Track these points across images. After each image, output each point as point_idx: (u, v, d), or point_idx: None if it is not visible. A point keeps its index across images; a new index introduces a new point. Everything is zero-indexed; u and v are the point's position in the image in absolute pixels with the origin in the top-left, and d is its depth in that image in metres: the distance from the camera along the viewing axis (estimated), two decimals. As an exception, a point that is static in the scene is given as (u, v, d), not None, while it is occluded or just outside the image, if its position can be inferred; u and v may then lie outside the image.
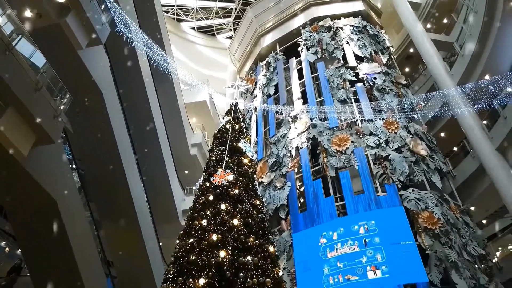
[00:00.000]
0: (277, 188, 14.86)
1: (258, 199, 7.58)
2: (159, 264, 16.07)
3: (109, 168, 13.93)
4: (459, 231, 11.85)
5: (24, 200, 9.90)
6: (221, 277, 5.56)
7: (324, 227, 12.72)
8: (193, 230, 6.56)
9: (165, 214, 19.75)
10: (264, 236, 6.72)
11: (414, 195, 12.26)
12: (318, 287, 11.58)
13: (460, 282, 10.36)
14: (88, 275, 11.22)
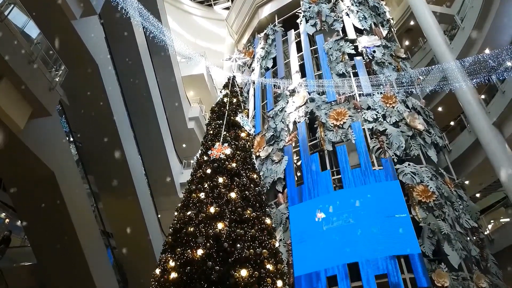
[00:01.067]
0: (274, 162, 14.96)
1: (255, 173, 7.63)
2: (158, 236, 16.35)
3: (107, 141, 13.92)
4: (452, 204, 12.07)
5: (22, 172, 9.94)
6: (218, 248, 5.68)
7: (320, 201, 12.91)
8: (191, 202, 6.63)
9: (163, 187, 19.92)
10: (261, 209, 6.82)
11: (410, 169, 12.40)
12: (313, 257, 11.87)
13: (452, 253, 10.65)
14: (88, 246, 11.42)
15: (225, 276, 5.39)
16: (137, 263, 15.48)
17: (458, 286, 10.10)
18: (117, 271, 14.66)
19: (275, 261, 6.15)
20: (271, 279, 5.67)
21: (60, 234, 10.80)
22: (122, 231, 15.60)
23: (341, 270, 11.19)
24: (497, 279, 11.27)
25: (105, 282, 12.32)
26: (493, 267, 11.64)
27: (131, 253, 15.67)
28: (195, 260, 5.55)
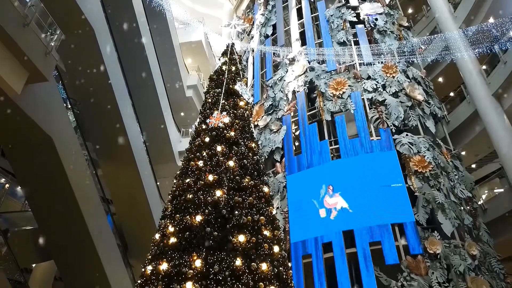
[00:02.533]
0: (273, 131, 14.97)
1: (254, 142, 7.65)
2: (157, 202, 16.59)
3: (104, 108, 13.84)
4: (448, 174, 12.22)
5: (21, 138, 9.95)
6: (217, 215, 5.78)
7: (318, 170, 13.03)
8: (190, 170, 6.68)
9: (161, 155, 20.01)
10: (259, 177, 6.88)
11: (407, 140, 12.46)
12: (310, 225, 12.13)
13: (445, 222, 10.89)
14: (88, 211, 11.62)
15: (223, 241, 5.51)
16: (136, 228, 15.82)
17: (449, 253, 10.40)
18: (117, 236, 14.98)
19: (272, 227, 6.28)
20: (268, 245, 5.80)
21: (60, 199, 10.95)
22: (122, 197, 15.83)
23: (336, 237, 11.46)
24: (488, 247, 11.59)
25: (106, 246, 12.62)
26: (485, 235, 11.93)
27: (130, 219, 15.97)
28: (194, 226, 5.66)
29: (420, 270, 10.12)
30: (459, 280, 9.97)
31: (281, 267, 5.78)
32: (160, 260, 5.47)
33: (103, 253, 12.15)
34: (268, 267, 5.48)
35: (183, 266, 5.22)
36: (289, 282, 5.86)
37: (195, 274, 5.09)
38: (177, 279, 5.11)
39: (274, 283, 5.38)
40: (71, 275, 12.76)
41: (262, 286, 5.16)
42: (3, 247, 9.97)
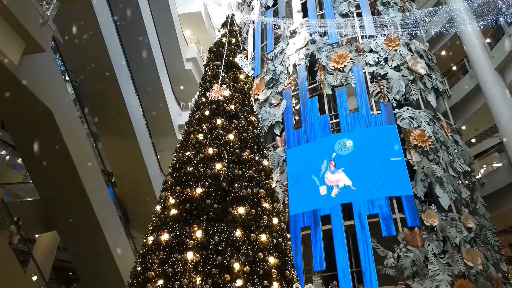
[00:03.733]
0: (273, 105, 14.90)
1: (254, 115, 7.63)
2: (157, 175, 16.71)
3: (103, 81, 13.71)
4: (447, 148, 12.27)
5: (20, 110, 9.91)
6: (217, 187, 5.84)
7: (318, 144, 13.06)
8: (190, 143, 6.70)
9: (161, 129, 19.98)
10: (259, 151, 6.91)
11: (408, 114, 12.42)
12: (308, 198, 12.28)
13: (443, 195, 11.02)
14: (90, 183, 11.71)
15: (223, 213, 5.60)
16: (137, 201, 16.00)
17: (446, 225, 10.58)
18: (118, 208, 15.19)
19: (272, 200, 6.36)
20: (267, 217, 5.89)
21: (61, 171, 11.03)
22: (122, 170, 15.93)
23: (334, 209, 11.62)
24: (484, 220, 11.77)
25: (107, 217, 12.80)
26: (482, 208, 12.09)
27: (131, 191, 16.13)
28: (194, 198, 5.74)
29: (417, 242, 10.32)
30: (454, 251, 10.19)
31: (280, 238, 5.89)
32: (162, 231, 5.58)
33: (105, 224, 12.34)
34: (267, 238, 5.58)
35: (184, 236, 5.32)
36: (287, 252, 5.99)
37: (196, 244, 5.20)
38: (178, 249, 5.22)
39: (273, 253, 5.50)
40: (74, 245, 13.04)
41: (261, 256, 5.28)
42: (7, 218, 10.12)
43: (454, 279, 9.67)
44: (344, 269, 10.67)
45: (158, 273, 5.08)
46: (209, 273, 4.93)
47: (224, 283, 4.83)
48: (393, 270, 10.13)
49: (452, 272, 9.79)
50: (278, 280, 5.24)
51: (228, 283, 4.83)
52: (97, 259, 12.68)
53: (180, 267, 4.99)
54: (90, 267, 13.06)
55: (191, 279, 4.85)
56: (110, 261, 12.62)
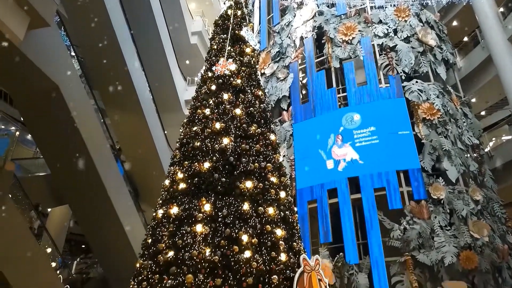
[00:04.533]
0: (280, 79, 14.75)
1: (261, 90, 7.57)
2: (165, 150, 16.85)
3: (109, 57, 13.64)
4: (456, 121, 12.14)
5: (27, 86, 9.95)
6: (224, 162, 5.88)
7: (325, 118, 12.99)
8: (197, 118, 6.70)
9: (167, 104, 19.98)
10: (265, 125, 6.89)
11: (417, 87, 12.25)
12: (315, 172, 12.33)
13: (451, 168, 10.99)
14: (99, 158, 11.87)
15: (231, 187, 5.66)
16: (146, 175, 16.23)
17: (453, 198, 10.60)
18: (127, 183, 15.43)
19: (279, 174, 6.39)
20: (275, 191, 5.95)
21: (71, 146, 11.17)
22: (130, 145, 16.08)
23: (341, 183, 11.69)
24: (491, 193, 11.77)
25: (117, 191, 13.04)
26: (489, 181, 12.07)
27: (140, 166, 16.34)
28: (202, 172, 5.79)
29: (423, 214, 10.40)
30: (461, 224, 10.26)
31: (287, 211, 5.97)
32: (171, 204, 5.67)
33: (115, 198, 12.58)
34: (275, 211, 5.66)
35: (193, 210, 5.41)
36: (294, 225, 6.08)
37: (205, 217, 5.29)
38: (187, 222, 5.32)
39: (280, 226, 5.59)
40: (86, 219, 13.36)
41: (269, 228, 5.36)
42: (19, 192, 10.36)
43: (459, 251, 9.78)
44: (351, 241, 10.84)
45: (168, 245, 5.21)
46: (218, 245, 5.03)
47: (232, 254, 4.94)
48: (399, 242, 10.26)
49: (458, 243, 9.90)
50: (285, 252, 5.34)
51: (236, 254, 4.94)
52: (109, 232, 13.01)
53: (189, 239, 5.10)
54: (102, 239, 13.43)
55: (200, 251, 4.96)
56: (121, 234, 12.94)
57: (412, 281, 9.72)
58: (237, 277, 4.79)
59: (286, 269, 5.12)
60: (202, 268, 4.82)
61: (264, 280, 4.84)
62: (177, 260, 4.96)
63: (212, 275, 4.78)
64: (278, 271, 5.02)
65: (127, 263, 10.08)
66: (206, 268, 4.82)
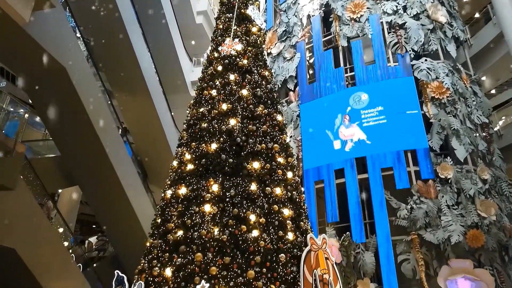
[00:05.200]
0: (286, 59, 14.60)
1: (267, 70, 7.50)
2: (172, 131, 16.92)
3: (115, 38, 13.57)
4: (466, 100, 11.98)
5: (34, 67, 9.97)
6: (231, 142, 5.90)
7: (332, 98, 12.90)
8: (203, 99, 6.70)
9: (174, 86, 19.94)
10: (272, 106, 6.86)
11: (426, 65, 12.06)
12: (322, 153, 12.34)
13: (459, 147, 10.93)
14: (107, 139, 11.95)
15: (238, 167, 5.69)
16: (154, 157, 16.37)
17: (461, 177, 10.58)
18: (136, 164, 15.58)
19: (286, 154, 6.40)
20: (282, 171, 5.98)
21: (79, 128, 11.25)
22: (138, 127, 16.17)
23: (348, 163, 11.69)
24: (500, 172, 11.70)
25: (126, 172, 13.19)
26: (498, 160, 11.98)
27: (148, 148, 16.47)
28: (209, 153, 5.83)
29: (430, 193, 10.41)
30: (468, 203, 10.26)
31: (294, 191, 6.01)
32: (179, 185, 5.74)
33: (124, 179, 12.74)
34: (282, 191, 5.70)
35: (201, 190, 5.47)
36: (302, 205, 6.13)
37: (213, 198, 5.36)
38: (195, 202, 5.39)
39: (287, 206, 5.64)
40: (96, 200, 13.60)
41: (276, 208, 5.42)
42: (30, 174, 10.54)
43: (466, 229, 9.82)
44: (357, 220, 10.92)
45: (177, 224, 5.30)
46: (226, 224, 5.11)
47: (241, 233, 5.02)
48: (405, 221, 10.32)
49: (465, 222, 9.93)
50: (292, 231, 5.41)
51: (244, 234, 5.02)
52: (119, 212, 13.24)
53: (198, 218, 5.18)
54: (113, 219, 13.70)
55: (209, 230, 5.05)
56: (131, 214, 13.16)
57: (418, 260, 9.82)
58: (245, 255, 4.88)
59: (293, 247, 5.20)
60: (210, 246, 4.91)
61: (271, 258, 4.92)
62: (186, 239, 5.06)
63: (220, 254, 4.87)
64: (286, 250, 5.10)
65: (137, 242, 10.28)
66: (214, 247, 4.91)
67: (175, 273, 4.83)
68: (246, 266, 4.78)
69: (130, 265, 8.67)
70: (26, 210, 9.25)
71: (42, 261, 9.68)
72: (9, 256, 8.89)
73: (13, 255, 8.87)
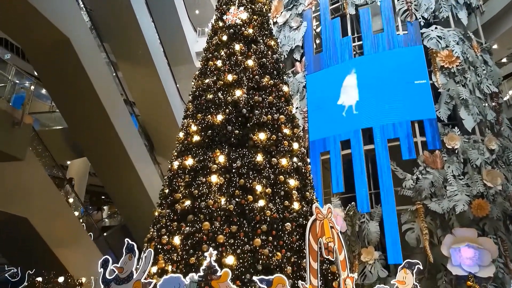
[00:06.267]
0: (293, 28, 14.29)
1: (273, 39, 7.37)
2: (178, 103, 16.89)
3: (118, 8, 13.34)
4: (476, 69, 11.74)
5: (39, 39, 9.89)
6: (237, 114, 5.89)
7: (339, 68, 12.70)
8: (209, 70, 6.64)
9: (179, 57, 19.74)
10: (278, 77, 6.79)
11: (436, 33, 11.76)
12: (328, 124, 12.28)
13: (467, 117, 10.81)
14: (113, 112, 11.98)
15: (244, 139, 5.71)
16: (160, 129, 16.43)
17: (468, 148, 10.53)
18: (143, 136, 15.67)
19: (292, 126, 6.40)
20: (288, 142, 5.99)
21: (85, 100, 11.26)
22: (144, 99, 16.15)
23: (354, 135, 11.66)
24: (508, 142, 11.60)
25: (133, 144, 13.28)
26: (506, 130, 11.85)
27: (154, 120, 16.50)
28: (215, 125, 5.84)
29: (437, 164, 10.40)
30: (474, 173, 10.26)
31: (300, 162, 6.04)
32: (186, 156, 5.79)
33: (131, 150, 12.84)
34: (288, 162, 5.73)
35: (208, 161, 5.52)
36: (307, 175, 6.18)
37: (219, 168, 5.41)
38: (202, 173, 5.46)
39: (293, 176, 5.69)
40: (104, 171, 13.78)
41: (282, 178, 5.47)
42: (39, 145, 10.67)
43: (472, 199, 9.87)
44: (363, 190, 11.00)
45: (185, 195, 5.39)
46: (233, 195, 5.19)
47: (247, 203, 5.09)
48: (411, 191, 10.38)
49: (471, 192, 9.96)
50: (298, 201, 5.48)
51: (251, 203, 5.10)
52: (127, 183, 13.44)
53: (205, 189, 5.26)
54: (121, 190, 13.93)
55: (216, 200, 5.13)
56: (138, 184, 13.37)
57: (422, 229, 9.95)
58: (252, 224, 4.97)
59: (299, 217, 5.28)
60: (218, 216, 5.01)
61: (277, 227, 5.02)
62: (193, 209, 5.16)
63: (227, 223, 4.98)
64: (291, 219, 5.19)
65: (145, 212, 10.53)
66: (221, 216, 5.01)
67: (184, 241, 4.96)
68: (253, 235, 4.89)
69: (139, 234, 8.91)
70: (36, 181, 9.44)
71: (54, 230, 9.96)
72: (22, 225, 9.16)
73: (26, 224, 9.14)
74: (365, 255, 10.34)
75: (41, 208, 9.54)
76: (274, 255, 4.77)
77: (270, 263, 4.69)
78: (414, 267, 4.93)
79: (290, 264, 4.84)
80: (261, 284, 3.85)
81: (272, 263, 4.70)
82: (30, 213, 9.15)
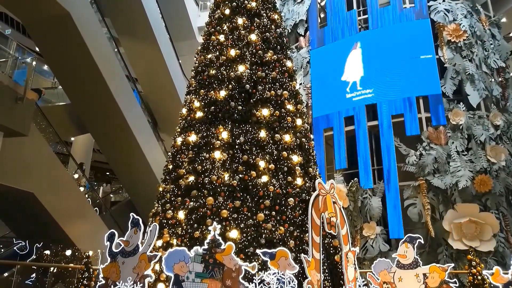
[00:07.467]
0: (296, 2, 14.00)
1: (276, 13, 7.21)
2: (181, 79, 16.76)
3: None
4: (483, 43, 11.52)
5: (38, 13, 9.74)
6: (240, 89, 5.84)
7: (344, 43, 12.50)
8: (211, 45, 6.54)
9: (180, 32, 19.42)
10: (282, 51, 6.69)
11: (444, 6, 11.49)
12: (332, 100, 12.20)
13: (473, 93, 10.71)
14: (116, 88, 11.91)
15: (247, 115, 5.68)
16: (163, 105, 16.37)
17: (472, 123, 10.47)
18: (146, 113, 15.65)
19: (295, 101, 6.34)
20: (291, 118, 5.96)
21: (87, 76, 11.18)
22: (146, 75, 16.02)
23: (358, 111, 11.59)
24: (513, 117, 11.53)
25: (136, 120, 13.27)
26: (512, 105, 11.76)
27: (156, 96, 16.43)
28: (218, 101, 5.80)
29: (440, 140, 10.38)
30: (478, 149, 10.24)
31: (303, 138, 6.02)
32: (189, 132, 5.78)
33: (135, 126, 12.85)
34: (291, 138, 5.72)
35: (211, 137, 5.52)
36: (311, 151, 6.17)
37: (222, 144, 5.42)
38: (205, 149, 5.47)
39: (296, 152, 5.69)
40: (108, 148, 13.85)
41: (285, 155, 5.48)
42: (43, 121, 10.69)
43: (475, 175, 9.89)
44: (366, 166, 11.04)
45: (188, 170, 5.42)
46: (236, 170, 5.21)
47: (250, 179, 5.13)
48: (414, 167, 10.41)
49: (474, 168, 9.98)
50: (301, 176, 5.50)
51: (254, 179, 5.13)
52: (131, 159, 13.52)
53: (208, 164, 5.28)
54: (125, 166, 14.03)
55: (219, 176, 5.16)
56: (142, 160, 13.44)
57: (424, 204, 10.03)
58: (255, 199, 5.02)
59: (302, 192, 5.32)
60: (221, 191, 5.05)
61: (280, 202, 5.06)
62: (197, 184, 5.20)
63: (231, 198, 5.02)
64: (294, 194, 5.22)
65: (149, 187, 10.63)
66: (225, 192, 5.05)
67: (188, 216, 5.03)
68: (256, 210, 4.94)
69: (143, 209, 9.03)
70: (41, 156, 9.51)
71: (60, 205, 10.11)
72: (29, 200, 9.30)
73: (33, 199, 9.27)
74: (367, 230, 10.48)
75: (47, 183, 9.65)
76: (277, 230, 4.83)
77: (273, 237, 4.75)
78: (415, 241, 4.98)
79: (293, 238, 4.91)
80: (265, 257, 3.92)
81: (275, 237, 4.77)
82: (36, 188, 9.26)
